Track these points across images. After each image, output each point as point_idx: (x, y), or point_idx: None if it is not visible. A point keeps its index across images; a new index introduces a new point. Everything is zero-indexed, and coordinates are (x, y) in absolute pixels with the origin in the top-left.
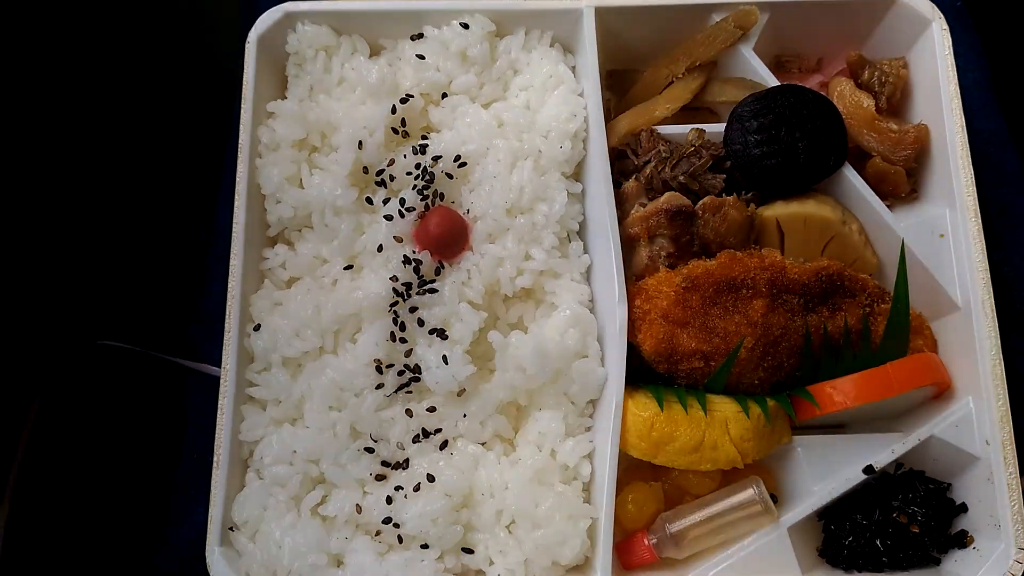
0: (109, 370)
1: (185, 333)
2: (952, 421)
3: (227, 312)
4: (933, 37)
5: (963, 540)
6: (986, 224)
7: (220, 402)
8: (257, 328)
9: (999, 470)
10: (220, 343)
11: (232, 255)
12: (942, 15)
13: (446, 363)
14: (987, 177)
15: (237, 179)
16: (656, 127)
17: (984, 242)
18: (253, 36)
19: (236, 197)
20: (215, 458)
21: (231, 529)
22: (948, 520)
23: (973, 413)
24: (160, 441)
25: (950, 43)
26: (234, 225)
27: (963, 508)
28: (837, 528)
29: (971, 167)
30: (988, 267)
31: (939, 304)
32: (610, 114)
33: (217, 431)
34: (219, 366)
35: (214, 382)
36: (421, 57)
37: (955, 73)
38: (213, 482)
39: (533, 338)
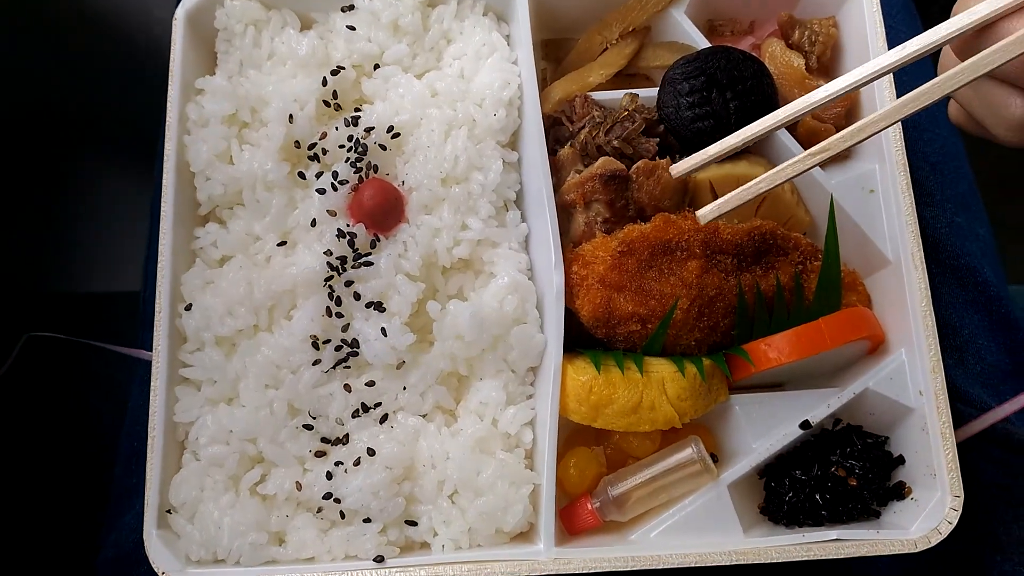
0: (42, 362)
1: (124, 325)
2: (886, 374)
3: (157, 293)
4: None
5: (901, 491)
6: (916, 180)
7: (152, 384)
8: (189, 308)
9: (933, 419)
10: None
11: (161, 234)
12: None
13: (385, 335)
14: (917, 133)
15: (165, 157)
16: (590, 93)
17: (913, 196)
18: (180, 13)
19: (164, 175)
20: (149, 440)
21: (169, 512)
22: (886, 472)
23: (906, 365)
24: (98, 430)
25: (878, 1)
26: (162, 204)
27: (900, 460)
28: (777, 485)
29: (899, 123)
30: (918, 221)
31: (871, 259)
32: (546, 83)
33: (150, 413)
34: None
35: (150, 370)
36: (352, 28)
37: (883, 30)
38: (148, 465)
39: (471, 305)
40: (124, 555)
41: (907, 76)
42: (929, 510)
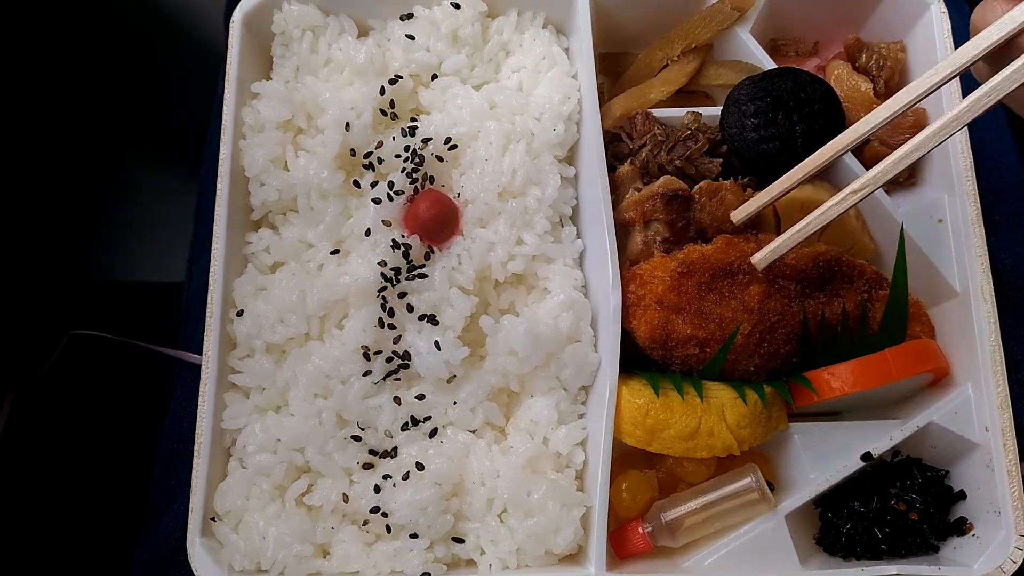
0: (86, 361)
1: (167, 322)
2: (951, 408)
3: (209, 297)
4: (932, 20)
5: (962, 527)
6: (983, 210)
7: (201, 389)
8: (240, 314)
9: (999, 456)
10: (202, 331)
11: (214, 239)
12: None
13: (438, 349)
14: (983, 162)
15: (220, 161)
16: (651, 110)
17: (983, 227)
18: (238, 15)
19: (219, 180)
20: (196, 446)
21: (213, 520)
22: (947, 507)
23: (972, 399)
24: (140, 431)
25: (949, 26)
26: (216, 208)
27: (962, 495)
28: (835, 516)
29: (970, 151)
30: (987, 252)
31: (937, 290)
32: (604, 97)
33: (198, 419)
34: (200, 354)
35: (195, 371)
36: (411, 37)
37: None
38: (194, 471)
39: (525, 321)
40: (160, 558)
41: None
42: (993, 548)
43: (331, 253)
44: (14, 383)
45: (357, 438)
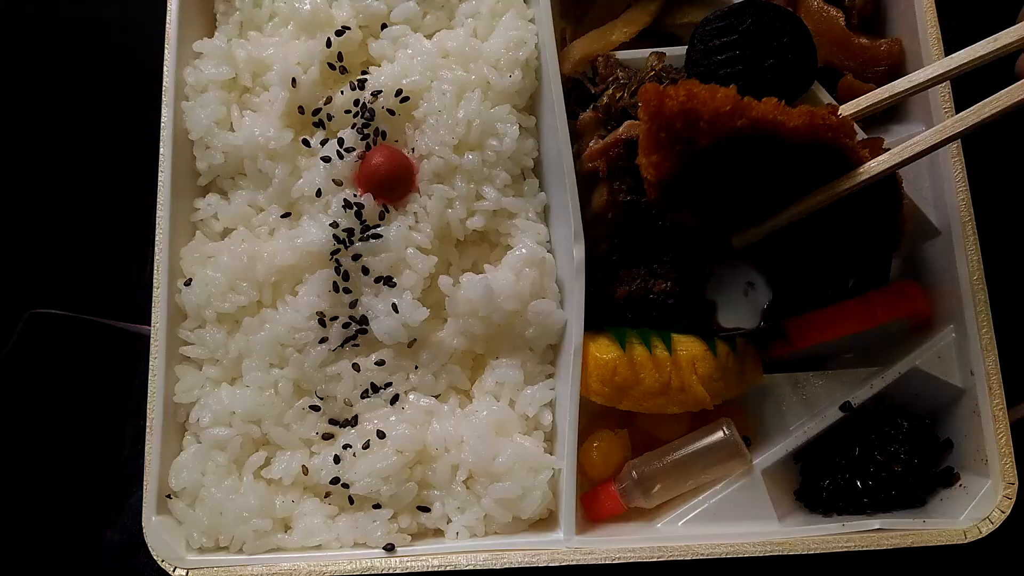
0: (47, 340)
1: (127, 296)
2: (934, 352)
3: (155, 267)
4: None
5: (949, 478)
6: (964, 144)
7: (151, 363)
8: (188, 283)
9: (984, 401)
10: None
11: (158, 206)
12: None
13: (396, 312)
14: (965, 95)
15: (162, 125)
16: (614, 53)
17: (964, 162)
18: None
19: (161, 144)
20: (147, 422)
21: (169, 497)
22: (933, 457)
23: (955, 342)
24: (106, 410)
25: None
26: (160, 174)
27: (948, 444)
28: (814, 470)
29: (948, 83)
30: (969, 188)
31: (918, 229)
32: (564, 43)
33: (149, 393)
34: None
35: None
36: None
37: None
38: (147, 448)
39: (485, 278)
40: (129, 539)
41: None
42: (980, 498)
43: (282, 216)
44: None
45: (316, 408)
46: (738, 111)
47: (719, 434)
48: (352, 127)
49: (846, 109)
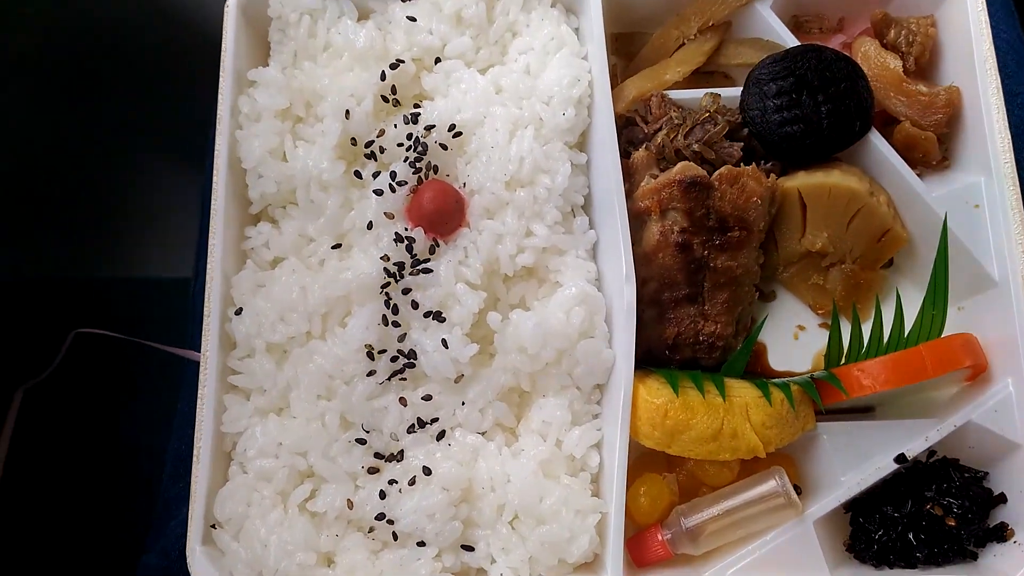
0: (93, 359)
1: (175, 318)
2: (991, 405)
3: (206, 295)
4: None
5: (1003, 533)
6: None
7: (200, 391)
8: (239, 312)
9: None
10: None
11: (211, 234)
12: None
13: (446, 347)
14: (1020, 143)
15: (216, 153)
16: (667, 92)
17: None
18: (232, 0)
19: (215, 172)
20: (195, 451)
21: (213, 527)
22: (986, 511)
23: (1013, 396)
24: (148, 431)
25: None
26: (212, 202)
27: (1002, 498)
28: (866, 521)
29: (1008, 132)
30: None
31: (975, 279)
32: (617, 80)
33: (197, 422)
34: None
35: (198, 369)
36: (412, 19)
37: (989, 31)
38: (193, 477)
39: (535, 315)
40: (169, 562)
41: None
42: None
43: (332, 248)
44: (21, 382)
45: (362, 441)
46: None
47: (771, 483)
48: (404, 160)
49: None
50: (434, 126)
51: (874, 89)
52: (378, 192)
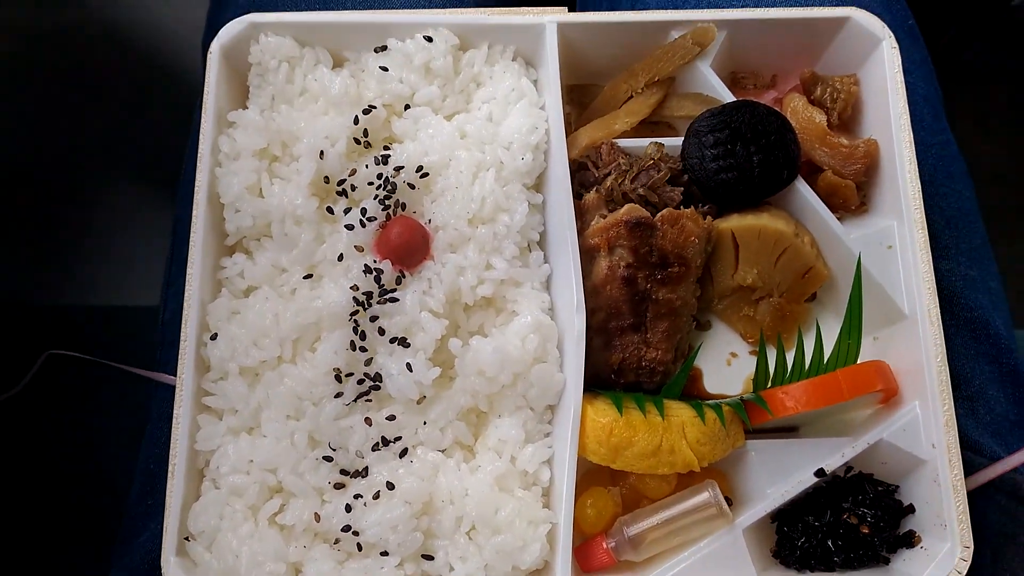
0: (63, 381)
1: (143, 344)
2: (900, 426)
3: (183, 320)
4: (883, 55)
5: (911, 540)
6: (932, 233)
7: (176, 411)
8: (214, 337)
9: (944, 472)
10: (178, 354)
11: (190, 264)
12: (892, 34)
13: (410, 370)
14: (937, 189)
15: (196, 188)
16: (616, 140)
17: (930, 252)
18: (216, 46)
19: (195, 207)
20: (170, 467)
21: (187, 539)
22: (897, 521)
23: (920, 418)
24: (116, 452)
25: (899, 61)
26: (192, 234)
27: (911, 509)
28: (790, 529)
29: (918, 181)
30: (934, 277)
31: (887, 313)
32: (571, 127)
33: (172, 440)
34: (175, 375)
35: (171, 392)
36: (384, 69)
37: (904, 90)
38: (168, 491)
39: (493, 341)
40: None
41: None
42: (939, 560)
43: (304, 278)
44: None
45: (329, 458)
46: None
47: (705, 495)
48: (374, 198)
49: None
50: (403, 167)
51: (801, 141)
52: (349, 227)
